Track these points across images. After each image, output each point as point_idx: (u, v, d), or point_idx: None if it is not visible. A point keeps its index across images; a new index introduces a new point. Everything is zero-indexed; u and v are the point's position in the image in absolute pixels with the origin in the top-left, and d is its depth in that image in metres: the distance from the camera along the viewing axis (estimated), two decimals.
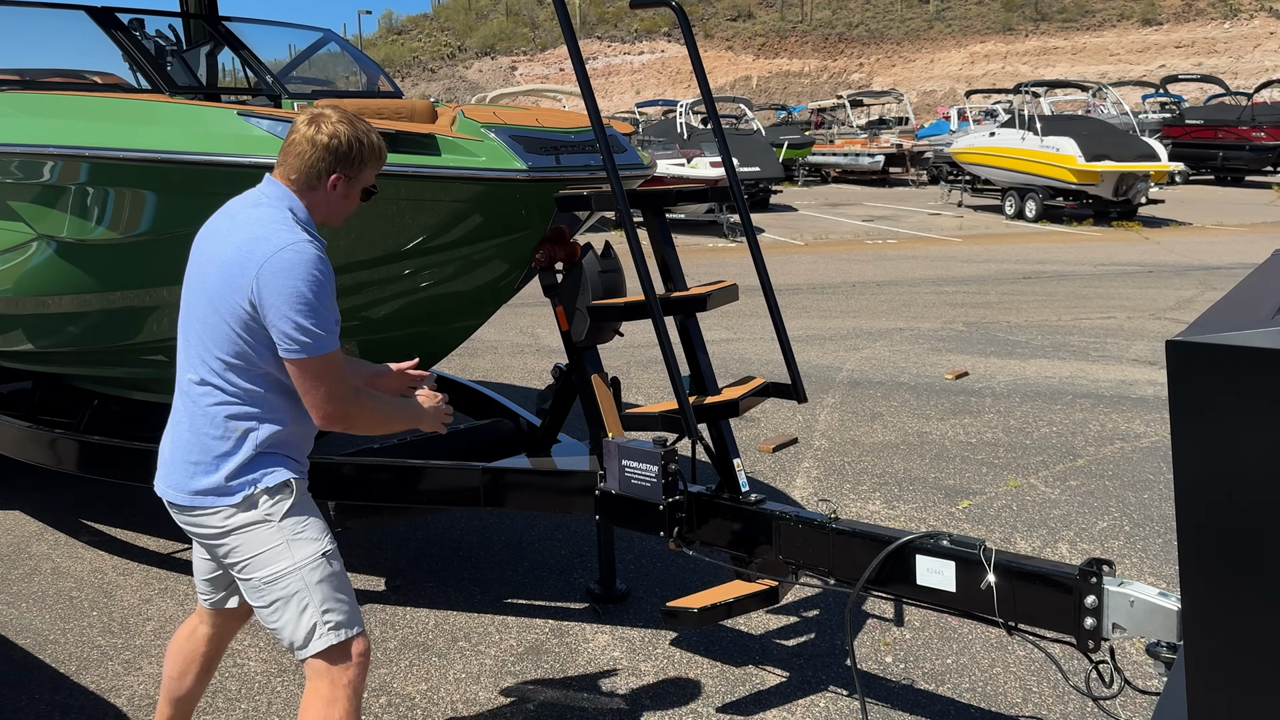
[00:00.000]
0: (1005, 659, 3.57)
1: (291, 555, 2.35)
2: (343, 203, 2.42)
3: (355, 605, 2.43)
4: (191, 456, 2.37)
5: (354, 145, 2.35)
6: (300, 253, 2.24)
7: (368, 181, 2.43)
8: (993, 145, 20.50)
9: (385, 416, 2.49)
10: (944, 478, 5.43)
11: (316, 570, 2.36)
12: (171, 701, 2.77)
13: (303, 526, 2.39)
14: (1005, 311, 10.38)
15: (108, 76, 4.84)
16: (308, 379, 2.30)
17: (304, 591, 2.35)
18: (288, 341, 2.25)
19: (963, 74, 51.27)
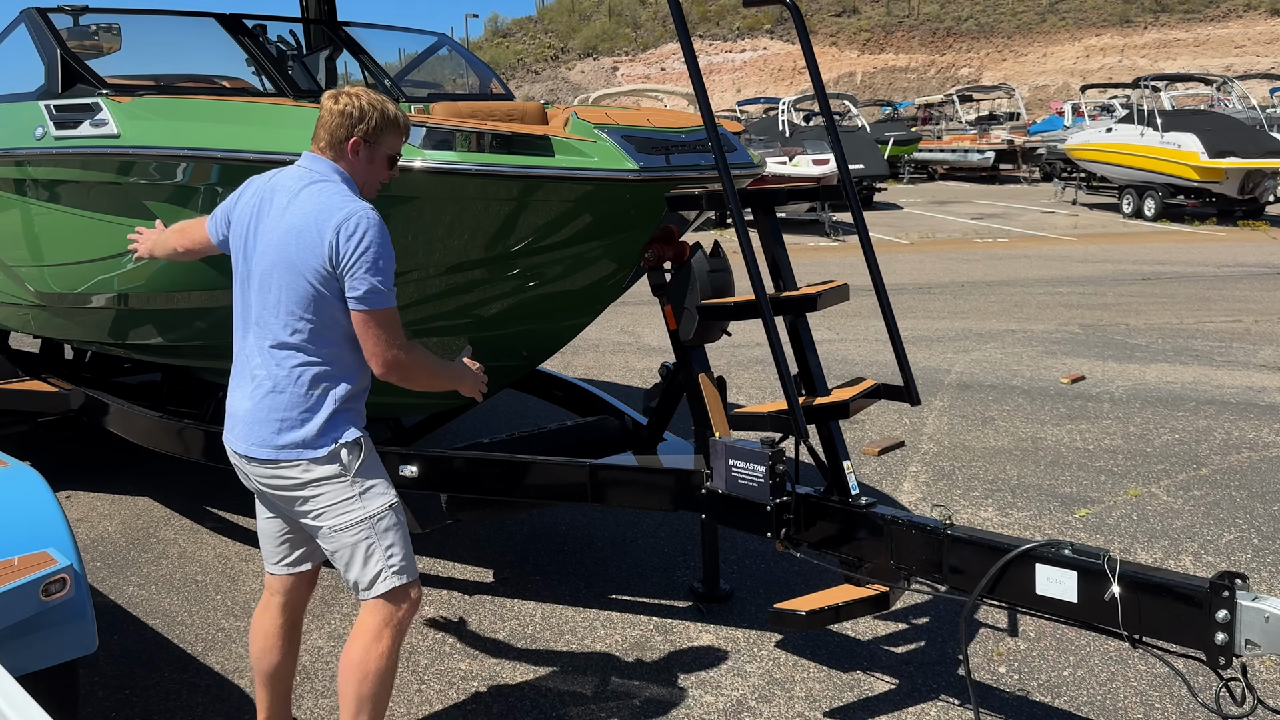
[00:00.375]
0: (1126, 673, 3.45)
1: (364, 507, 2.61)
2: (368, 169, 2.63)
3: (413, 554, 2.69)
4: (277, 414, 2.59)
5: (368, 111, 2.58)
6: (369, 217, 2.50)
7: (391, 149, 2.64)
8: (1110, 141, 19.81)
9: (434, 371, 2.70)
10: (1060, 485, 5.28)
11: (383, 520, 2.62)
12: (264, 682, 2.91)
13: (373, 481, 2.64)
14: (1123, 314, 10.03)
15: (235, 81, 5.03)
16: (373, 330, 2.52)
17: (373, 540, 2.61)
18: (363, 296, 2.48)
19: (1077, 68, 49.66)
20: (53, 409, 5.34)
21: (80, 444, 6.05)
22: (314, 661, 3.63)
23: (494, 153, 3.33)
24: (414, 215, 3.51)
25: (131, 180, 4.03)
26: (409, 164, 3.32)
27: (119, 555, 4.60)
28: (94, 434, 5.46)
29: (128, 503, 5.26)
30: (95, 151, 4.10)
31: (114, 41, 4.71)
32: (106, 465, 5.75)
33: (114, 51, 4.72)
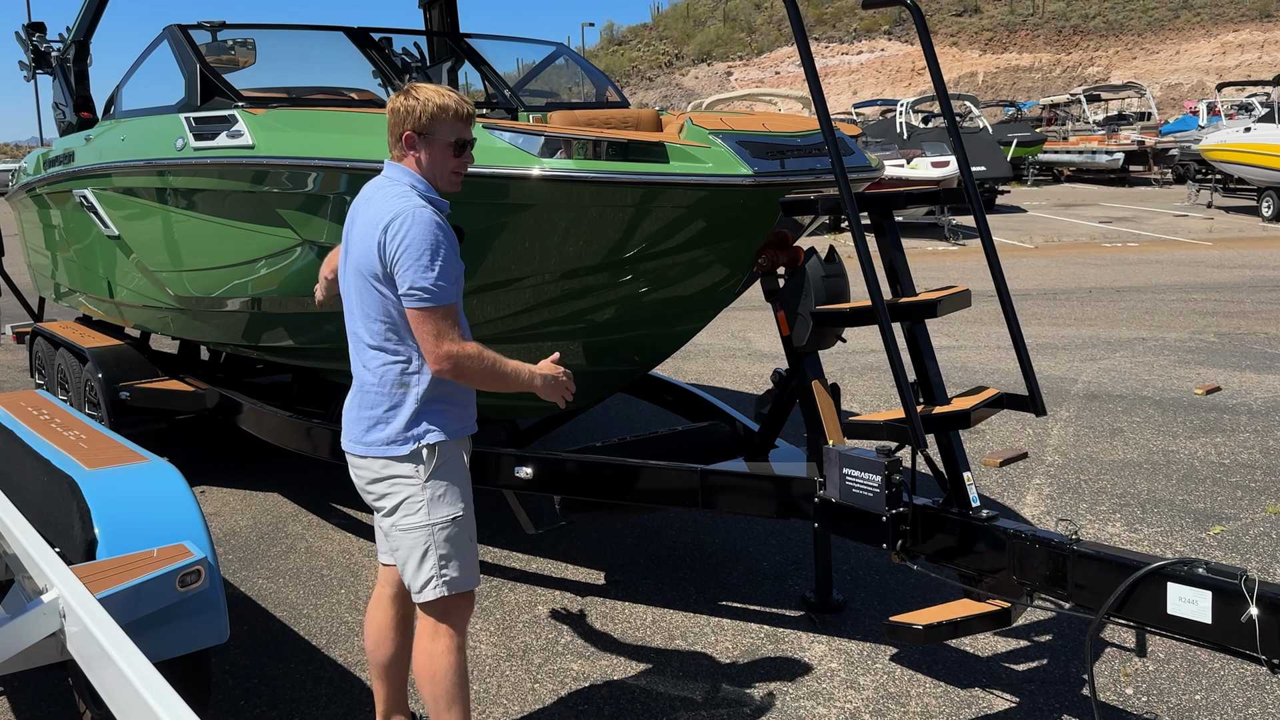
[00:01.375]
0: (1263, 699, 3.28)
1: (428, 513, 2.65)
2: (431, 161, 2.64)
3: (472, 566, 2.72)
4: (366, 411, 2.70)
5: (413, 105, 2.60)
6: (414, 215, 2.52)
7: (449, 136, 2.63)
8: (1248, 141, 18.86)
9: (495, 373, 2.63)
10: (1193, 500, 5.04)
11: (445, 530, 2.66)
12: (379, 675, 2.98)
13: (444, 489, 2.66)
14: (1262, 322, 9.53)
15: (362, 93, 5.20)
16: (423, 328, 2.54)
17: (430, 546, 2.65)
18: (409, 293, 2.52)
19: (1213, 65, 47.40)
20: (190, 407, 5.62)
21: (214, 441, 6.34)
22: None
23: (610, 160, 3.36)
24: (531, 222, 3.57)
25: (265, 189, 4.21)
26: (526, 172, 3.38)
27: (249, 549, 4.80)
28: (227, 432, 5.71)
29: (258, 498, 5.48)
30: (231, 161, 4.29)
31: (249, 56, 4.93)
32: (239, 462, 6.01)
33: (249, 65, 4.94)
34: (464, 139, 2.67)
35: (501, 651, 3.74)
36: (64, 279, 6.73)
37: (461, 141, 2.67)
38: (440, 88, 2.67)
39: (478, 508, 4.98)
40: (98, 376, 5.74)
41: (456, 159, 2.67)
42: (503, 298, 3.90)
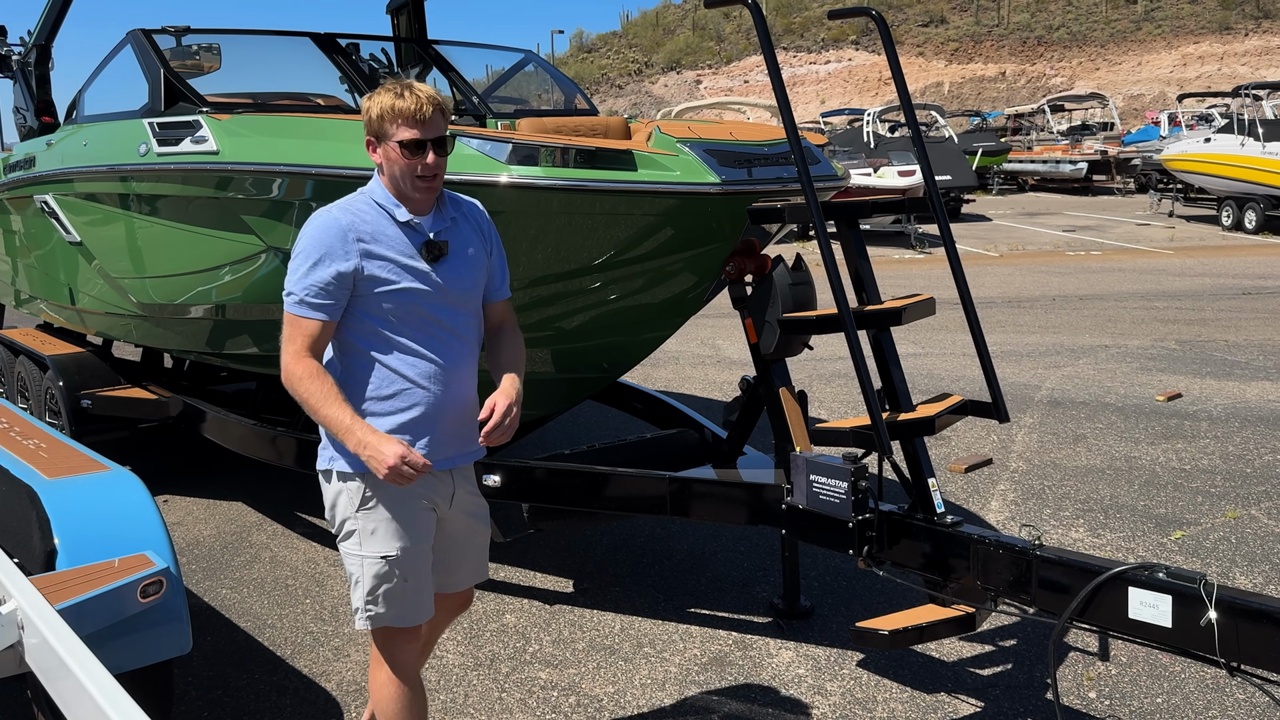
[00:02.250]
0: (1223, 701, 3.32)
1: (360, 543, 2.52)
2: (389, 165, 2.44)
3: (408, 604, 2.55)
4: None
5: (366, 107, 2.45)
6: (317, 218, 2.42)
7: (399, 137, 2.39)
8: (1209, 151, 19.18)
9: (311, 409, 2.40)
10: (1154, 506, 5.11)
11: (374, 566, 2.51)
12: None
13: (376, 525, 2.50)
14: (1222, 329, 9.68)
15: (329, 98, 5.18)
16: (283, 332, 2.42)
17: (360, 578, 2.54)
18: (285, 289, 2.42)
19: (1174, 77, 48.18)
20: (152, 415, 5.55)
21: (177, 450, 6.27)
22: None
23: (578, 168, 3.37)
24: (500, 229, 3.56)
25: (230, 195, 4.17)
26: (494, 179, 3.38)
27: (213, 558, 4.75)
28: (191, 440, 5.65)
29: (222, 508, 5.42)
30: (195, 167, 4.25)
31: (214, 61, 4.89)
32: (202, 471, 5.95)
33: (214, 70, 4.90)
34: (417, 138, 2.39)
35: (469, 661, 3.72)
36: (24, 285, 6.63)
37: (414, 142, 2.39)
38: (408, 85, 2.45)
39: None
40: (59, 384, 5.66)
41: (409, 160, 2.40)
42: None
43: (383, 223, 2.44)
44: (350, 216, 2.42)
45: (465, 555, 2.74)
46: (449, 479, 2.61)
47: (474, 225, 2.61)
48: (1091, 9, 53.91)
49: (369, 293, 2.41)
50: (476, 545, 2.77)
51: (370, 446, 2.33)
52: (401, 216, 2.46)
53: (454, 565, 2.72)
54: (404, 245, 2.45)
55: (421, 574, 2.58)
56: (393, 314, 2.44)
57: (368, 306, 2.43)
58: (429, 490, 2.55)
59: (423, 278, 2.45)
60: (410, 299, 2.44)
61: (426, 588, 2.60)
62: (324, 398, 2.37)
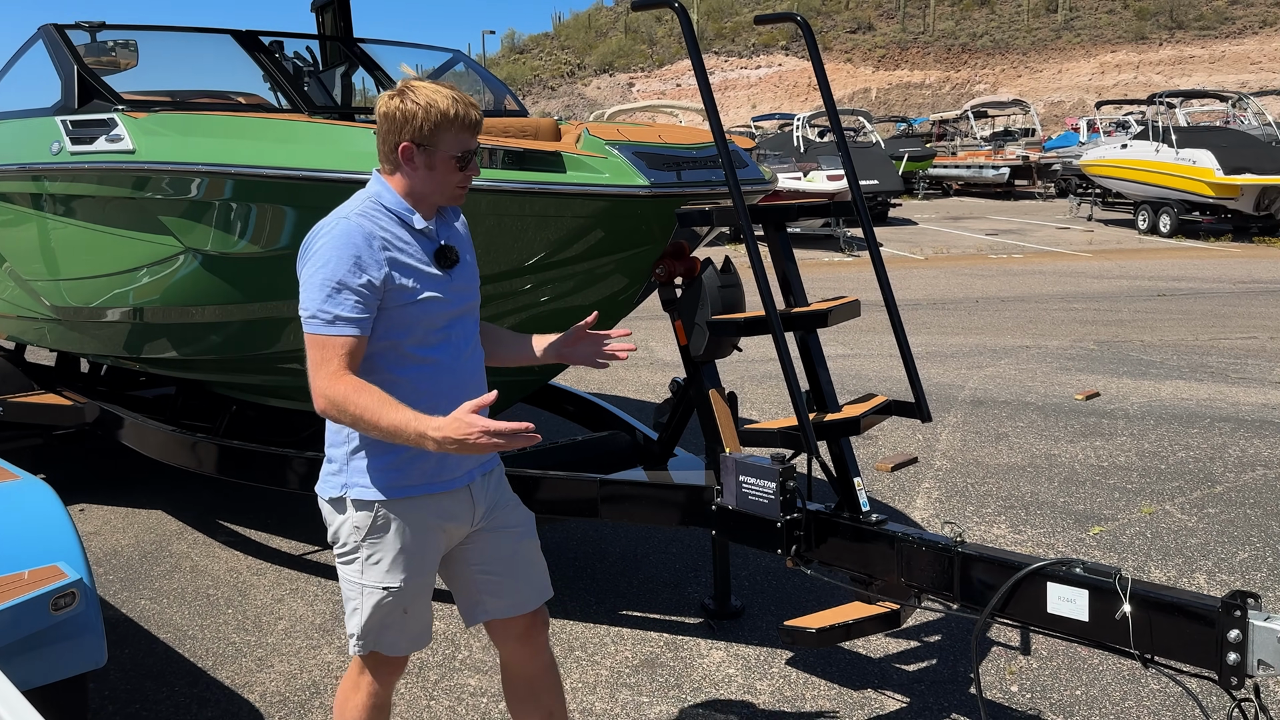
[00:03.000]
0: (1139, 692, 3.42)
1: (360, 571, 2.38)
2: (430, 176, 2.28)
3: (405, 635, 2.43)
4: (326, 449, 2.41)
5: (413, 110, 2.22)
6: (327, 227, 2.22)
7: (453, 149, 2.25)
8: (1125, 157, 19.77)
9: (375, 421, 2.16)
10: (1073, 502, 5.24)
11: (375, 596, 2.37)
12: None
13: (383, 556, 2.35)
14: (1138, 330, 9.98)
15: (251, 97, 5.08)
16: (308, 356, 2.22)
17: (359, 607, 2.40)
18: (301, 311, 2.22)
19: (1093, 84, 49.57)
20: (67, 422, 5.39)
21: (95, 458, 6.09)
22: (324, 676, 3.63)
23: (506, 169, 3.35)
24: None
25: (146, 195, 4.07)
26: None
27: (131, 569, 4.62)
28: (109, 448, 5.49)
29: (141, 516, 5.28)
30: (110, 167, 4.14)
31: (131, 58, 4.76)
32: (121, 479, 5.79)
33: (131, 68, 4.77)
34: (470, 150, 2.28)
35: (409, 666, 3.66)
36: None
37: (468, 154, 2.28)
38: (442, 86, 2.27)
39: None
40: None
41: (462, 173, 2.29)
42: None
43: (399, 229, 2.29)
44: (370, 222, 2.24)
45: (518, 572, 2.55)
46: (467, 495, 2.43)
47: (465, 233, 2.52)
48: (1014, 17, 55.23)
49: (394, 305, 2.25)
50: (528, 559, 2.58)
51: (451, 440, 2.10)
52: (418, 224, 2.31)
53: (509, 586, 2.54)
54: (421, 253, 2.31)
55: (423, 604, 2.46)
56: (415, 326, 2.29)
57: (390, 320, 2.26)
58: (445, 514, 2.41)
59: (441, 286, 2.32)
60: (431, 309, 2.30)
61: (426, 616, 2.49)
62: (380, 407, 2.15)
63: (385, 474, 2.32)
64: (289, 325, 4.12)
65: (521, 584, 2.55)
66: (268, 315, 4.13)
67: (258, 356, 4.41)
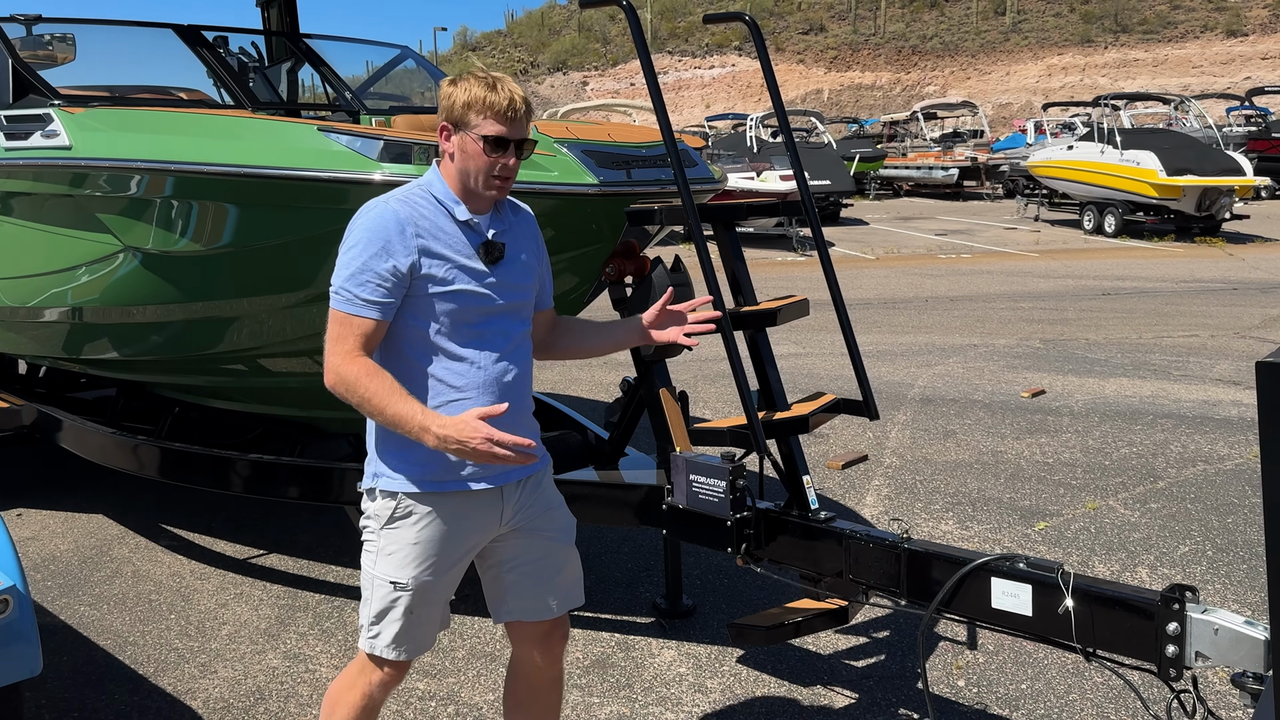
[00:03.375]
0: (1082, 685, 3.47)
1: (374, 561, 2.37)
2: (463, 159, 2.27)
3: (410, 639, 2.39)
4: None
5: (450, 91, 2.27)
6: (372, 209, 2.26)
7: (484, 131, 2.23)
8: (1071, 159, 20.10)
9: (372, 411, 2.21)
10: (1019, 498, 5.32)
11: (383, 589, 2.36)
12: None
13: (397, 548, 2.33)
14: (1083, 329, 10.15)
15: (193, 93, 4.99)
16: (328, 328, 2.26)
17: (369, 599, 2.39)
18: (331, 288, 2.26)
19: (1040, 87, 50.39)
20: (4, 426, 5.25)
21: (34, 461, 5.95)
22: (269, 682, 3.58)
23: None
24: None
25: (84, 193, 3.98)
26: (368, 177, 3.30)
27: (70, 574, 4.51)
28: (47, 451, 5.37)
29: (81, 520, 5.16)
30: (46, 163, 4.04)
31: (68, 52, 4.66)
32: (60, 483, 5.66)
33: (68, 62, 4.67)
34: (502, 137, 2.24)
35: None
36: None
37: (498, 139, 2.24)
38: (492, 74, 2.29)
39: (321, 527, 4.80)
40: None
41: (489, 158, 2.25)
42: None
43: (441, 219, 2.29)
44: (408, 209, 2.26)
45: (545, 577, 2.51)
46: (496, 497, 2.38)
47: (529, 232, 2.48)
48: (963, 20, 56.01)
49: (423, 293, 2.25)
50: (557, 565, 2.54)
51: (452, 440, 2.13)
52: (461, 215, 2.30)
53: (533, 590, 2.50)
54: (462, 244, 2.29)
55: (431, 608, 2.40)
56: (445, 318, 2.28)
57: (419, 309, 2.27)
58: (469, 514, 2.36)
59: (480, 279, 2.30)
60: (465, 301, 2.28)
61: (432, 622, 2.43)
62: (388, 395, 2.18)
63: (412, 466, 2.31)
64: (232, 325, 4.05)
65: (546, 589, 2.52)
66: (210, 315, 4.05)
67: (200, 357, 4.33)
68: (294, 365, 4.22)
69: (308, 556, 4.64)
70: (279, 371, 4.29)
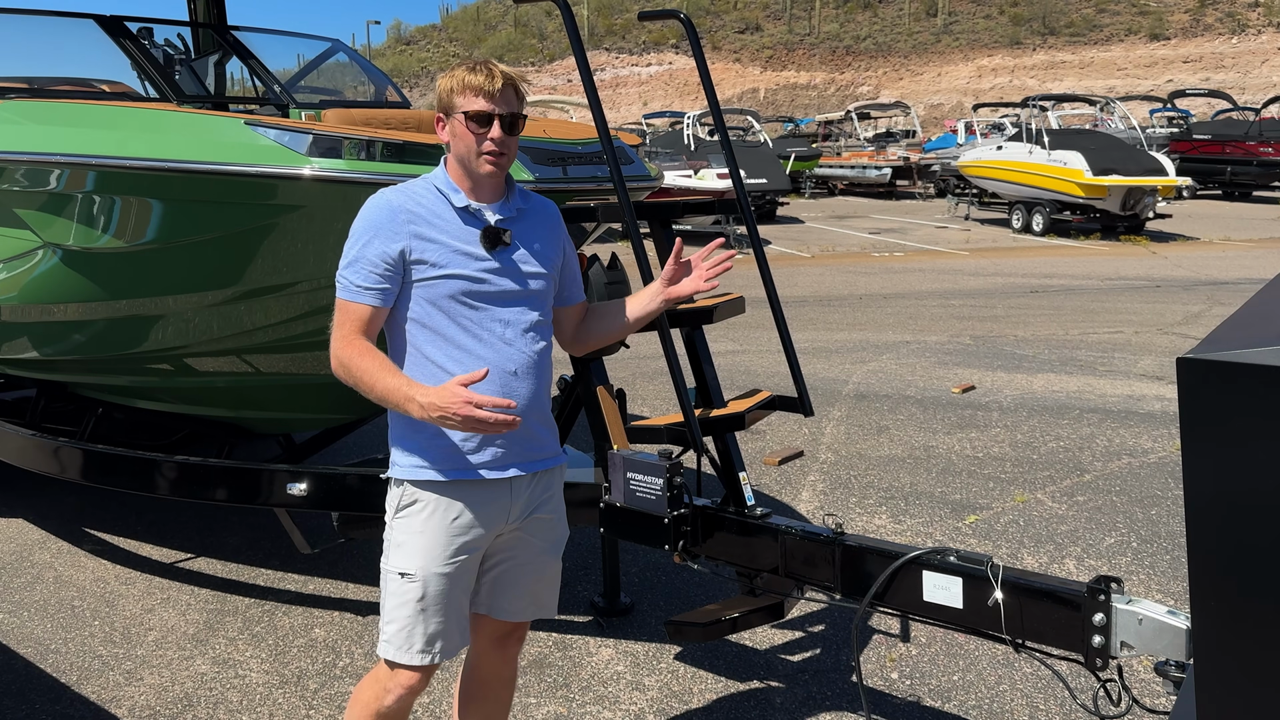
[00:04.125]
0: (1012, 676, 3.54)
1: (386, 555, 2.35)
2: (457, 143, 2.29)
3: (418, 639, 2.31)
4: None
5: (441, 83, 2.33)
6: (368, 202, 2.31)
7: (467, 108, 2.26)
8: (1000, 159, 20.49)
9: (362, 388, 2.25)
10: (950, 492, 5.40)
11: (391, 582, 2.33)
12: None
13: (406, 538, 2.31)
14: (1012, 325, 10.35)
15: (116, 85, 4.85)
16: (334, 317, 2.30)
17: (383, 594, 2.36)
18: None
19: (970, 87, 51.31)
20: None
21: None
22: (197, 688, 3.50)
23: (384, 161, 3.27)
24: (302, 224, 3.43)
25: (1, 188, 3.85)
26: (297, 172, 3.24)
27: None
28: None
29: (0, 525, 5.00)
30: None
31: None
32: None
33: None
34: (485, 112, 2.25)
35: (274, 679, 3.55)
36: None
37: (481, 114, 2.24)
38: (483, 61, 2.31)
39: (250, 530, 4.71)
40: None
41: (476, 133, 2.25)
42: (274, 304, 3.72)
43: (439, 206, 2.30)
44: (403, 198, 2.30)
45: (524, 582, 2.49)
46: (505, 489, 2.36)
47: (545, 221, 2.45)
48: (896, 21, 56.80)
49: (417, 279, 2.26)
50: (541, 573, 2.52)
51: (434, 407, 2.13)
52: (459, 201, 2.30)
53: (511, 591, 2.48)
54: (460, 230, 2.29)
55: (442, 605, 2.32)
56: (442, 304, 2.27)
57: (416, 294, 2.27)
58: (477, 504, 2.33)
59: (478, 265, 2.29)
60: (461, 287, 2.27)
61: (447, 626, 2.34)
62: (378, 371, 2.22)
63: (420, 455, 2.31)
64: (156, 324, 3.95)
65: (524, 594, 2.51)
66: (134, 313, 3.95)
67: (124, 357, 4.22)
68: (221, 365, 4.13)
69: (236, 560, 4.55)
70: (206, 371, 4.19)
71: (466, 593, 2.40)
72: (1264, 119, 26.55)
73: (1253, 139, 25.66)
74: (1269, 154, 25.33)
